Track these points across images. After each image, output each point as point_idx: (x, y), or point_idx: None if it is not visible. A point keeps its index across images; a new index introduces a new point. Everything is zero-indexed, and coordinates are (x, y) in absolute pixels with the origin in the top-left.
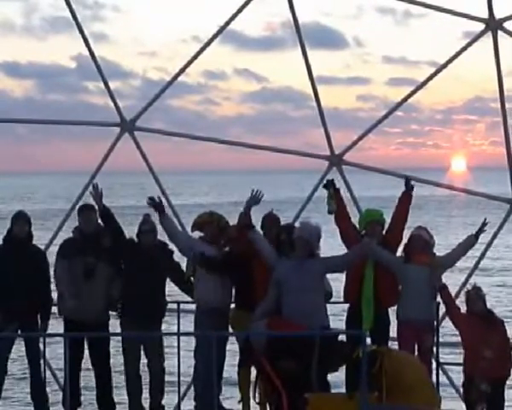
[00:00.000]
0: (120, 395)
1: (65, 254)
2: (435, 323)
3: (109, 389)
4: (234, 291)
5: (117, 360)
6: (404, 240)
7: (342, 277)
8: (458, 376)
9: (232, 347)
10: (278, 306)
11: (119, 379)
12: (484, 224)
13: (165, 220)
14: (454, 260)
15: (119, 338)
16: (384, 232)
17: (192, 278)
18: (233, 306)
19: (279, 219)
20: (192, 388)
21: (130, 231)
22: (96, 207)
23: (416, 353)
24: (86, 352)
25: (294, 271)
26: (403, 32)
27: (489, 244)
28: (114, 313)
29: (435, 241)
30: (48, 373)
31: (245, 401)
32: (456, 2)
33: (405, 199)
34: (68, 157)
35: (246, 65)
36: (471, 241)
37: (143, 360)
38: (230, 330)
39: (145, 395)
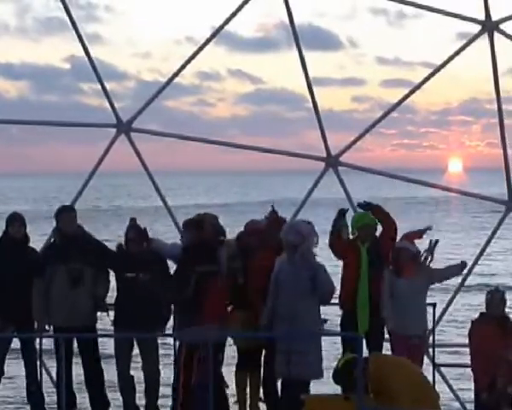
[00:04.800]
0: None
1: (45, 266)
2: (427, 332)
3: (102, 391)
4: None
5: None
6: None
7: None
8: (455, 376)
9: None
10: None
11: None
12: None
13: (154, 245)
14: (441, 279)
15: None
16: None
17: None
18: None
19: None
20: None
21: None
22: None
23: None
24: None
25: (288, 272)
26: (396, 34)
27: (484, 248)
28: (104, 312)
29: (418, 248)
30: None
31: (241, 402)
32: (451, 4)
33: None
34: (64, 158)
35: (239, 66)
36: (458, 271)
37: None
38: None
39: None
